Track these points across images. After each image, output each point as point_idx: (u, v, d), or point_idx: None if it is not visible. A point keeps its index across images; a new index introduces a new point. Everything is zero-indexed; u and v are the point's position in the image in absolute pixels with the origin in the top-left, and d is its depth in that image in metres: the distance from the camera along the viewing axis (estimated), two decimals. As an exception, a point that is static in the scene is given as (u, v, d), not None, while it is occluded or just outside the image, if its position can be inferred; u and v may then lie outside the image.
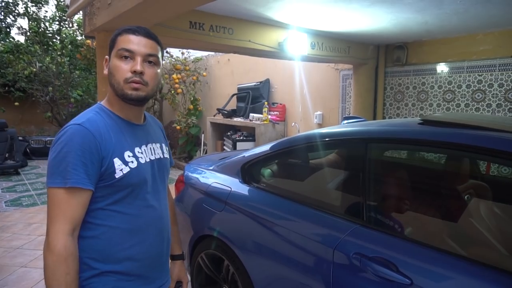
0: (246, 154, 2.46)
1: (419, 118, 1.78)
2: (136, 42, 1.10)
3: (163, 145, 1.32)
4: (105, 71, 1.16)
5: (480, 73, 3.72)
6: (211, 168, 2.68)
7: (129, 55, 1.09)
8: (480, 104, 3.75)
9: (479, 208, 1.72)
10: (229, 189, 2.31)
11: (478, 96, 3.76)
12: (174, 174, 7.27)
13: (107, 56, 1.16)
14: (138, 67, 1.09)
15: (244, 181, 2.29)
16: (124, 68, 1.09)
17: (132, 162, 1.13)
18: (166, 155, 1.32)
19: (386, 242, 1.49)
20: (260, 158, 2.28)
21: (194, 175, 2.77)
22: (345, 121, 2.66)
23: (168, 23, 2.65)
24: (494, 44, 3.58)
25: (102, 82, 2.49)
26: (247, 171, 2.32)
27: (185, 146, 8.11)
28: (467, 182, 1.99)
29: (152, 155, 1.23)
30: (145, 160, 1.19)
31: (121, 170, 1.09)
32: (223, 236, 2.21)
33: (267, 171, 2.29)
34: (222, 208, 2.27)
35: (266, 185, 2.19)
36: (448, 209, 1.70)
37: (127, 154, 1.13)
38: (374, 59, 4.52)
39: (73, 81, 9.78)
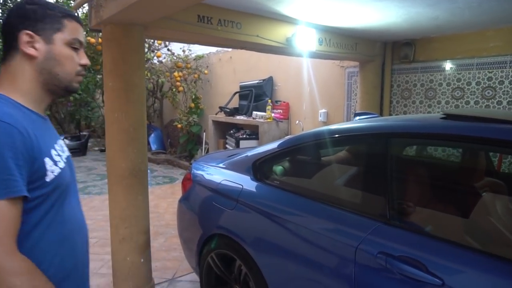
0: (258, 150, 2.39)
1: (441, 113, 1.72)
2: (82, 34, 1.05)
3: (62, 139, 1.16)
4: (32, 51, 0.95)
5: (490, 70, 3.67)
6: (220, 165, 2.61)
7: (78, 46, 1.03)
8: (490, 101, 3.70)
9: (507, 205, 1.66)
10: (241, 186, 2.24)
11: (488, 93, 3.71)
12: (175, 173, 7.20)
13: (29, 32, 0.95)
14: (87, 61, 1.05)
15: (256, 178, 2.23)
16: (76, 60, 1.02)
17: (59, 161, 0.99)
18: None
19: (413, 241, 1.43)
20: (274, 155, 2.21)
21: (202, 172, 2.70)
22: (357, 117, 2.59)
23: (175, 16, 2.58)
24: (505, 40, 3.53)
25: (109, 76, 2.41)
26: (259, 168, 2.25)
27: (186, 145, 8.04)
28: (483, 179, 1.94)
29: (63, 152, 1.06)
30: (65, 158, 1.05)
31: (52, 171, 0.94)
32: (235, 235, 2.14)
33: (280, 168, 2.22)
34: (233, 206, 2.21)
35: (280, 182, 2.13)
36: (475, 206, 1.64)
37: (54, 153, 0.98)
38: (381, 56, 4.46)
39: (72, 79, 9.66)
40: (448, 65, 3.99)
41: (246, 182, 2.25)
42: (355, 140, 1.88)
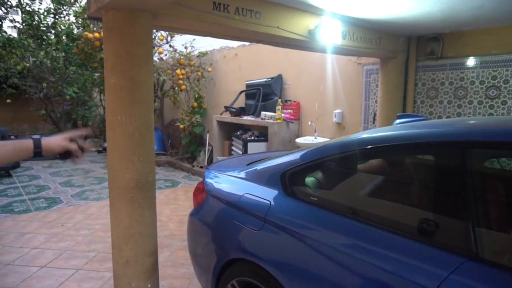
0: (286, 159, 2.04)
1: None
2: None
3: None
4: None
5: (531, 67, 3.33)
6: (239, 175, 2.26)
7: None
8: (531, 101, 3.36)
9: None
10: (268, 203, 1.89)
11: (529, 92, 3.37)
12: (177, 176, 6.83)
13: None
14: None
15: (287, 193, 1.87)
16: None
17: None
18: None
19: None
20: (308, 165, 1.86)
21: (218, 183, 2.35)
22: (398, 120, 2.24)
23: (188, 2, 2.23)
24: (549, 34, 3.20)
25: (111, 72, 2.04)
26: (290, 181, 1.90)
27: (189, 146, 7.67)
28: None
29: None
30: None
31: None
32: (262, 261, 1.79)
33: (318, 182, 1.87)
34: (260, 227, 1.85)
35: (318, 199, 1.77)
36: None
37: None
38: (405, 52, 4.11)
39: (68, 77, 9.29)
40: (482, 62, 3.64)
41: (275, 198, 1.89)
42: (418, 149, 1.52)
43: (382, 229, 1.44)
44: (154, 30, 6.96)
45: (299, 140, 5.19)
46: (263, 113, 5.65)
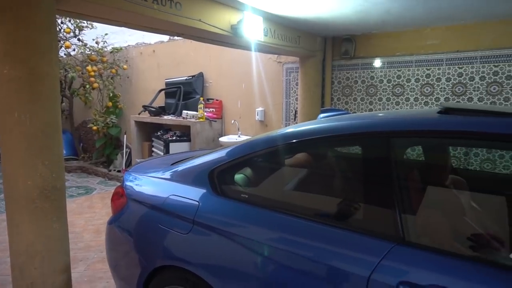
0: (213, 157, 1.94)
1: (438, 107, 1.49)
2: None
3: None
4: None
5: (428, 67, 3.73)
6: (163, 176, 2.10)
7: None
8: (429, 98, 3.77)
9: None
10: (196, 203, 1.78)
11: (427, 90, 3.77)
12: (91, 183, 6.24)
13: None
14: None
15: (216, 192, 1.78)
16: None
17: None
18: None
19: (445, 265, 1.15)
20: (237, 162, 1.79)
21: (140, 186, 2.15)
22: (322, 115, 2.31)
23: (98, -14, 1.99)
24: (441, 38, 3.61)
25: (3, 61, 1.72)
26: (219, 179, 1.81)
27: (103, 149, 7.07)
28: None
29: None
30: None
31: None
32: (193, 266, 1.68)
33: (248, 179, 1.81)
34: (188, 229, 1.74)
35: (249, 196, 1.71)
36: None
37: None
38: (322, 52, 4.31)
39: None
40: (388, 62, 3.98)
41: (204, 198, 1.79)
42: (344, 141, 1.56)
43: (314, 222, 1.44)
44: (60, 22, 6.27)
45: (222, 139, 5.13)
46: (184, 112, 5.45)
